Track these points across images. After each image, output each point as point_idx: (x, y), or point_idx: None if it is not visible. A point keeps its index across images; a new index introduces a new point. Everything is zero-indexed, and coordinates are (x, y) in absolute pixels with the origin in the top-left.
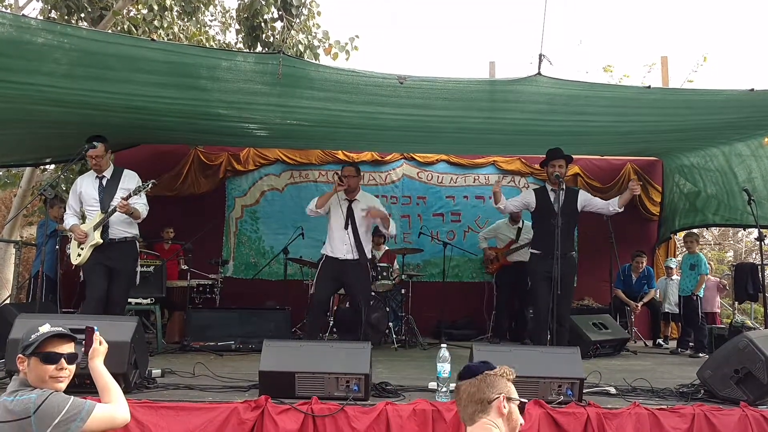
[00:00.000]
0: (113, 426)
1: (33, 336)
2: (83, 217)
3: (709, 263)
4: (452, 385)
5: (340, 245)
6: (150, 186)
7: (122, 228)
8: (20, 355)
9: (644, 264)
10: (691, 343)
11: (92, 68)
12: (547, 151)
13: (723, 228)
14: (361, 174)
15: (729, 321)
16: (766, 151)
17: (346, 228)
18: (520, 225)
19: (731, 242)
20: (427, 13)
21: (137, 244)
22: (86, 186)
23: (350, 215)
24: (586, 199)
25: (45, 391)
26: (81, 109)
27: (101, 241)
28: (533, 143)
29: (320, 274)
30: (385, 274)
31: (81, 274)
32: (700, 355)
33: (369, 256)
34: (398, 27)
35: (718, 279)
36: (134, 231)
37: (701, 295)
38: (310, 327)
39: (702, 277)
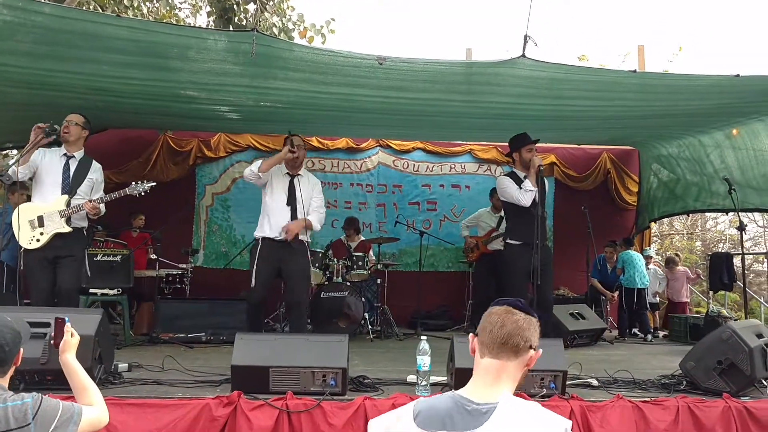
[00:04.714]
0: (97, 429)
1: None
2: (29, 192)
3: (677, 253)
4: (433, 378)
5: (280, 224)
6: (148, 187)
7: (76, 220)
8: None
9: (615, 254)
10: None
11: (54, 46)
12: (515, 137)
13: (693, 217)
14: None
15: (705, 310)
16: (745, 141)
17: (288, 205)
18: (502, 214)
19: (700, 232)
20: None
21: (86, 233)
22: (50, 161)
23: (292, 191)
24: (547, 194)
25: (36, 394)
26: (43, 90)
27: (70, 229)
28: (513, 128)
29: (259, 262)
30: (360, 263)
31: (21, 262)
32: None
33: (307, 238)
34: (374, 12)
35: (687, 268)
36: (86, 223)
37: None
38: (253, 327)
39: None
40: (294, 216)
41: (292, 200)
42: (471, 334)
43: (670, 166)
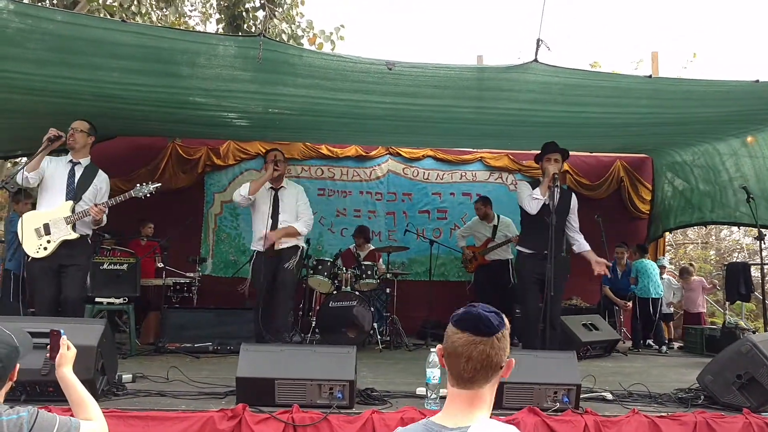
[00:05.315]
0: None
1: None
2: (34, 200)
3: (692, 263)
4: (442, 391)
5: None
6: (153, 189)
7: (80, 227)
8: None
9: (626, 256)
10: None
11: (64, 53)
12: (543, 145)
13: (709, 227)
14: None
15: (720, 320)
16: (762, 149)
17: (271, 218)
18: (495, 222)
19: (714, 241)
20: (414, 5)
21: (91, 242)
22: (55, 167)
23: (276, 204)
24: (574, 208)
25: (32, 409)
26: (52, 97)
27: (77, 235)
28: (525, 135)
29: (254, 274)
30: (369, 273)
31: (25, 272)
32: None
33: (301, 244)
34: (384, 20)
35: (703, 278)
36: (90, 231)
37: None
38: (258, 335)
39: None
40: (275, 228)
41: (274, 214)
42: (438, 348)
43: (683, 174)
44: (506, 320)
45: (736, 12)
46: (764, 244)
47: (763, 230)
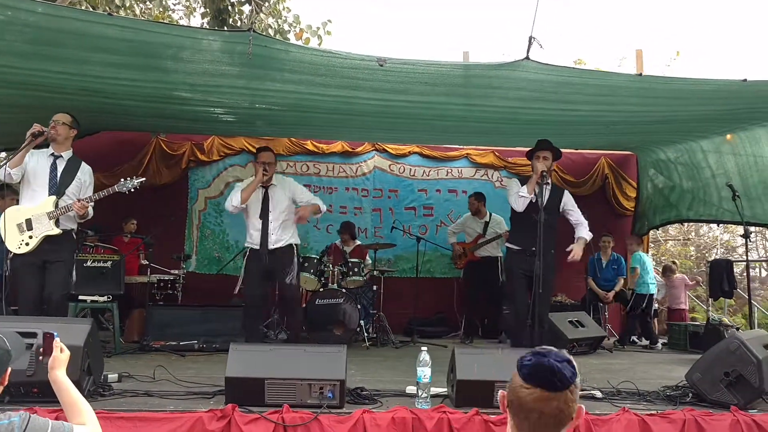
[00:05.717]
0: None
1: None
2: (17, 194)
3: (674, 261)
4: (433, 390)
5: (258, 235)
6: (138, 183)
7: (65, 222)
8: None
9: (611, 245)
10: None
11: (46, 46)
12: (537, 141)
13: (690, 224)
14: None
15: (702, 317)
16: (745, 146)
17: (261, 217)
18: (487, 219)
19: (695, 237)
20: (400, 1)
21: (75, 236)
22: (37, 162)
23: (266, 203)
24: (567, 203)
25: (23, 413)
26: (34, 91)
27: (59, 231)
28: (515, 132)
29: (247, 270)
30: (356, 270)
31: (8, 268)
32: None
33: (296, 242)
34: (370, 15)
35: (685, 275)
36: (75, 225)
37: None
38: (249, 330)
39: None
40: (265, 227)
41: (264, 213)
42: (502, 394)
43: (667, 172)
44: (576, 366)
45: (718, 11)
46: (740, 240)
47: (748, 227)
